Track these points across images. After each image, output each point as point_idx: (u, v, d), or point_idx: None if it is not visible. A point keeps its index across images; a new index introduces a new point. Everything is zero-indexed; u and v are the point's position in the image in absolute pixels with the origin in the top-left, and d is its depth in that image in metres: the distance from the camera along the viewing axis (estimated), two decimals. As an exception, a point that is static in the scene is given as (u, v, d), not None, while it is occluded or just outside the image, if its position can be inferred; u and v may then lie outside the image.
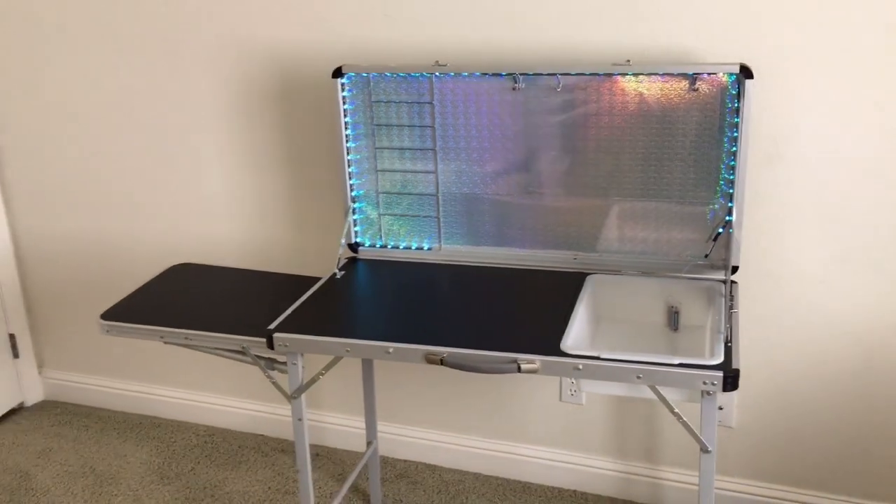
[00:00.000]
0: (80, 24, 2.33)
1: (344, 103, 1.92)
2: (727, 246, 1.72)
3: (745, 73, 1.62)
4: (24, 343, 2.73)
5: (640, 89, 1.74)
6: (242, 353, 1.76)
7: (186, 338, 1.75)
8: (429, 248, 1.99)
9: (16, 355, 2.71)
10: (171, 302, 1.90)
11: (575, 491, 2.23)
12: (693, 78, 1.70)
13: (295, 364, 1.68)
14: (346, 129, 1.93)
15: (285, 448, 2.49)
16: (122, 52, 2.31)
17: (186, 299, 1.92)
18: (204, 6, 2.18)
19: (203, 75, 2.24)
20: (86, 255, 2.59)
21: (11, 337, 2.69)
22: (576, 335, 1.58)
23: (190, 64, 2.25)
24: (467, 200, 1.94)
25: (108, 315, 1.83)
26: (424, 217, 1.98)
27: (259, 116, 2.23)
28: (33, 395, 2.79)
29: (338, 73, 1.89)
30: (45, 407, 2.78)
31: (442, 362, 1.51)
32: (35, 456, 2.50)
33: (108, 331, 1.81)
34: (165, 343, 1.80)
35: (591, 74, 1.75)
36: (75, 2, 2.31)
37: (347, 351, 1.59)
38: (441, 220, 1.97)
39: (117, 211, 2.49)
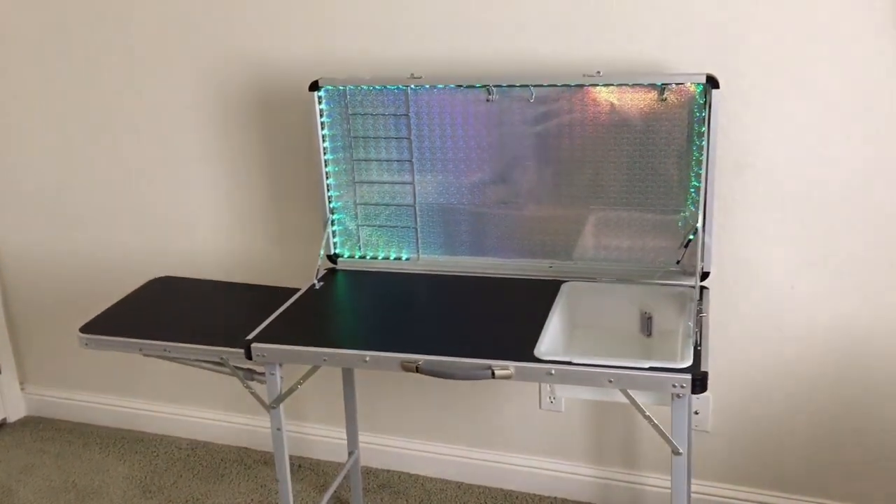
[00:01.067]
0: (58, 36, 2.35)
1: (321, 116, 1.94)
2: (698, 252, 1.75)
3: (712, 83, 1.65)
4: (6, 359, 2.73)
5: (611, 100, 1.77)
6: (221, 364, 1.77)
7: (165, 349, 1.77)
8: (407, 259, 2.02)
9: (-2, 371, 2.71)
10: (150, 314, 1.92)
11: (555, 498, 2.25)
12: (662, 88, 1.73)
13: (273, 374, 1.70)
14: (323, 141, 1.96)
15: (268, 460, 2.50)
16: (100, 64, 2.33)
17: (165, 312, 1.93)
18: (182, 19, 2.20)
19: (182, 88, 2.27)
20: (66, 270, 2.60)
21: (-7, 353, 2.69)
22: (550, 342, 1.61)
23: (169, 76, 2.27)
24: (445, 211, 1.97)
25: (87, 328, 1.84)
26: (402, 227, 2.00)
27: (238, 129, 2.25)
28: (15, 412, 2.79)
29: (314, 86, 1.91)
30: (28, 423, 2.78)
31: (417, 370, 1.53)
32: (17, 472, 2.49)
33: (87, 344, 1.82)
34: (145, 355, 1.81)
35: (563, 86, 1.79)
36: (53, 13, 2.33)
37: (325, 360, 1.61)
38: (419, 230, 2.00)
39: (97, 224, 2.50)
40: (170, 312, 1.92)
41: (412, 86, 1.88)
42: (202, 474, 2.44)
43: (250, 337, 1.67)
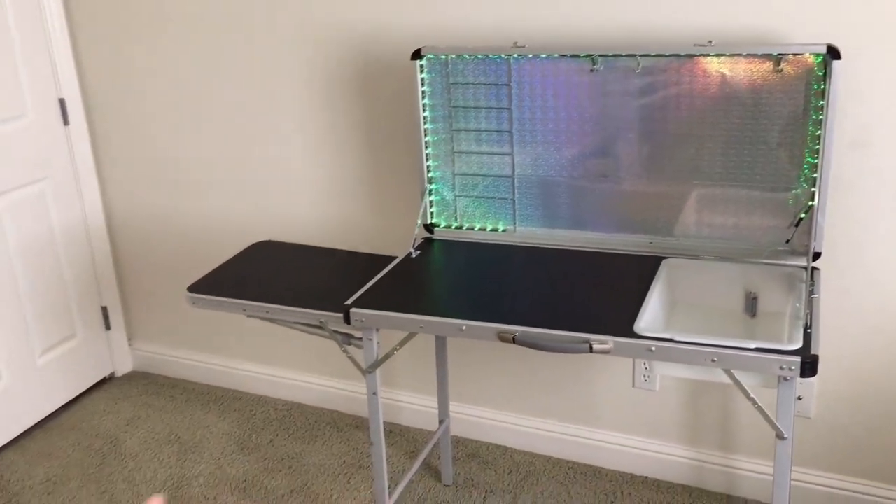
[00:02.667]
0: (168, 7, 2.42)
1: (422, 85, 1.94)
2: (809, 232, 1.68)
3: (833, 53, 1.57)
4: (116, 316, 2.86)
5: (722, 71, 1.71)
6: (320, 327, 1.81)
7: (267, 312, 1.81)
8: (503, 230, 2.01)
9: (108, 327, 2.84)
10: (253, 277, 1.97)
11: (646, 477, 2.22)
12: (778, 59, 1.66)
13: (370, 339, 1.72)
14: (423, 111, 1.96)
15: (359, 424, 2.55)
16: (208, 34, 2.39)
17: (268, 275, 1.98)
18: (289, -9, 2.23)
19: (285, 57, 2.30)
20: (172, 233, 2.69)
21: (104, 309, 2.82)
22: (650, 318, 1.58)
23: (272, 46, 2.31)
24: (543, 183, 1.94)
25: (195, 288, 1.90)
26: (500, 199, 1.99)
27: (339, 98, 2.27)
28: (123, 366, 2.92)
29: (416, 55, 1.91)
30: (134, 377, 2.91)
31: (514, 340, 1.53)
32: (124, 423, 2.62)
33: (194, 303, 1.88)
34: (248, 316, 1.86)
35: (671, 55, 1.73)
36: (167, -12, 2.40)
37: (421, 327, 1.62)
38: (516, 201, 1.98)
39: (203, 189, 2.58)
40: (271, 276, 1.97)
41: (515, 55, 1.86)
42: (297, 434, 2.51)
43: (349, 302, 1.70)
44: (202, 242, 2.65)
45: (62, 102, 2.58)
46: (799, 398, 1.98)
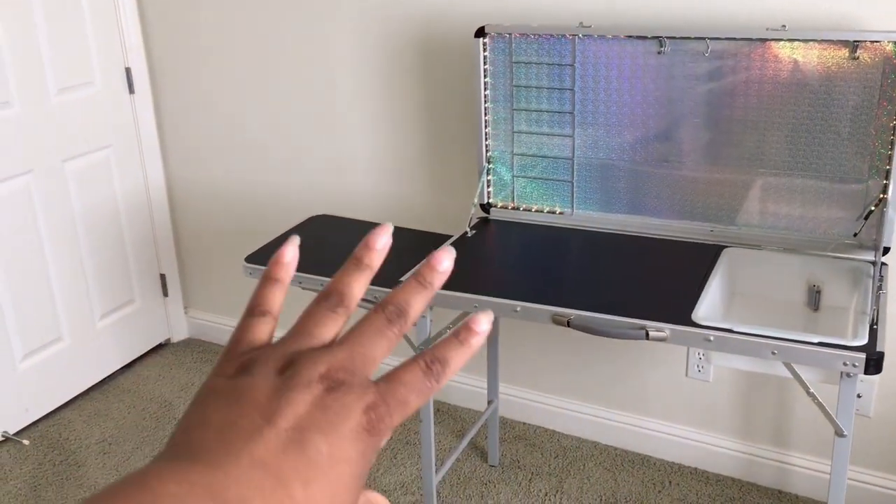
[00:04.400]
0: (237, -18, 2.44)
1: (485, 63, 1.93)
2: (879, 226, 1.63)
3: (914, 41, 1.51)
4: (173, 284, 2.91)
5: (794, 56, 1.66)
6: (373, 302, 1.82)
7: (322, 284, 1.82)
8: (561, 213, 1.99)
9: (165, 294, 2.90)
10: (309, 250, 1.98)
11: (696, 468, 2.19)
12: (854, 45, 1.60)
13: (424, 316, 1.73)
14: (485, 89, 1.95)
15: (408, 401, 2.56)
16: (272, 10, 2.40)
17: (324, 248, 1.99)
18: (353, -35, 2.23)
19: (345, 34, 2.30)
20: (231, 204, 2.73)
21: (162, 277, 2.88)
22: (708, 307, 1.55)
23: (333, 22, 2.31)
24: (603, 166, 1.92)
25: (252, 258, 1.93)
26: (559, 181, 1.97)
27: (400, 74, 2.27)
28: (179, 333, 2.98)
29: (480, 32, 1.90)
30: (189, 344, 2.97)
31: (569, 324, 1.52)
32: (178, 388, 2.68)
33: (251, 273, 1.91)
34: (303, 289, 1.88)
35: (742, 39, 1.69)
36: (234, -40, 2.42)
37: (475, 307, 1.62)
38: (575, 184, 1.96)
39: (262, 163, 2.61)
40: (327, 249, 1.99)
41: (580, 35, 1.83)
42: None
43: (404, 278, 1.70)
44: (260, 214, 2.69)
45: (128, 72, 2.63)
46: (859, 396, 1.93)
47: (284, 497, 0.34)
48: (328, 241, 2.04)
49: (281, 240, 2.04)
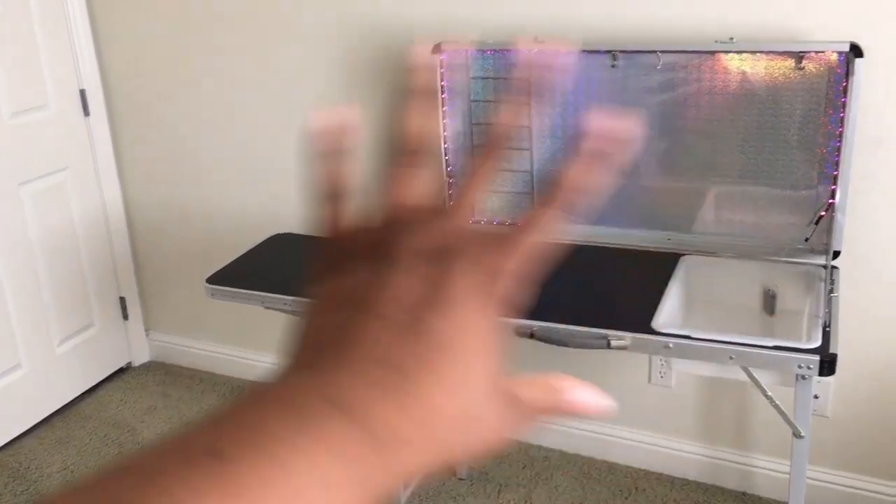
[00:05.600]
0: (187, 1, 2.43)
1: (442, 80, 1.95)
2: (829, 230, 1.68)
3: (855, 51, 1.57)
4: (133, 306, 2.88)
5: (743, 68, 1.71)
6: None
7: (285, 303, 1.82)
8: (521, 225, 2.01)
9: (125, 317, 2.86)
10: (271, 269, 1.98)
11: (661, 474, 2.22)
12: (799, 56, 1.65)
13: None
14: (443, 105, 1.96)
15: (375, 417, 2.56)
16: (228, 26, 2.40)
17: (286, 267, 1.99)
18: (309, -16, 2.24)
19: (303, 51, 2.31)
20: (192, 224, 2.71)
21: (122, 300, 2.84)
22: (667, 315, 1.58)
23: (292, 39, 2.32)
24: (561, 178, 1.94)
25: (213, 279, 1.92)
26: (518, 193, 2.00)
27: (358, 90, 2.28)
28: (140, 356, 2.95)
29: (436, 49, 1.91)
30: (151, 367, 2.93)
31: (532, 336, 1.53)
32: (141, 413, 2.64)
33: (212, 294, 1.90)
34: (266, 308, 1.87)
35: (692, 52, 1.73)
36: (188, -20, 2.41)
37: (439, 321, 1.63)
38: (535, 197, 1.98)
39: (221, 182, 2.59)
40: (290, 268, 1.98)
41: (535, 50, 1.85)
42: (312, 426, 2.52)
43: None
44: (220, 234, 2.67)
45: (83, 93, 2.60)
46: (816, 397, 1.98)
47: (411, 388, 0.31)
48: (290, 260, 2.04)
49: (242, 260, 2.03)
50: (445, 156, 2.00)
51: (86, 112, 2.62)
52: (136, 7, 2.52)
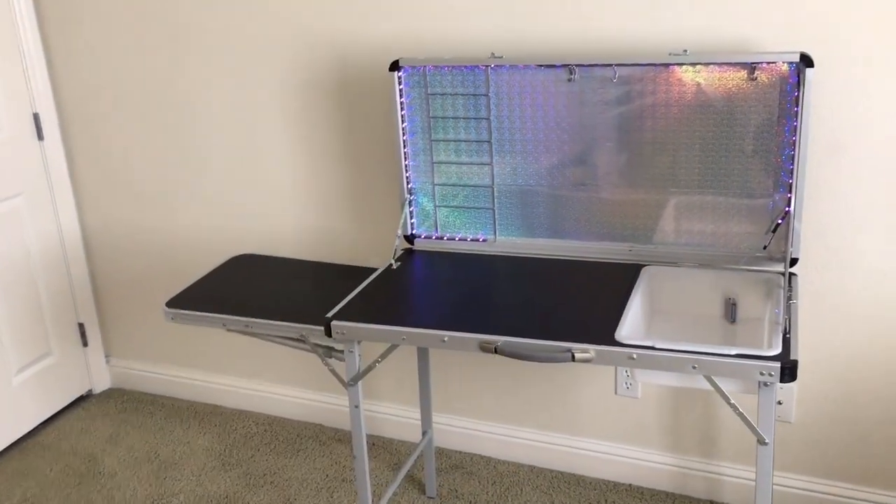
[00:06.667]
0: (142, 21, 2.40)
1: (401, 96, 1.95)
2: (786, 238, 1.70)
3: (806, 61, 1.59)
4: (93, 332, 2.83)
5: (697, 79, 1.73)
6: (301, 340, 1.80)
7: (247, 325, 1.80)
8: (484, 240, 2.01)
9: (85, 344, 2.81)
10: (232, 291, 1.96)
11: (630, 485, 2.22)
12: (752, 67, 1.68)
13: (352, 352, 1.72)
14: (402, 122, 1.96)
15: (342, 438, 2.53)
16: (183, 47, 2.38)
17: (247, 289, 1.97)
18: (263, 1, 2.23)
19: (262, 69, 2.30)
20: (151, 247, 2.67)
21: (81, 326, 2.79)
22: (630, 326, 1.58)
23: (248, 58, 2.30)
24: (522, 192, 1.95)
25: (173, 303, 1.89)
26: (480, 209, 2.00)
27: (318, 109, 2.27)
28: (101, 383, 2.89)
29: (395, 66, 1.91)
30: (112, 394, 2.87)
31: (496, 350, 1.53)
32: (103, 441, 2.59)
33: (172, 318, 1.87)
34: (228, 330, 1.85)
35: (647, 65, 1.75)
36: (136, 1, 2.39)
37: (403, 339, 1.62)
38: (496, 211, 1.98)
39: (180, 204, 2.56)
40: (251, 289, 1.96)
41: (492, 65, 1.86)
42: (278, 449, 2.49)
43: (330, 315, 1.69)
44: (180, 257, 2.63)
45: (36, 118, 2.56)
46: (779, 403, 2.00)
47: None
48: (251, 282, 2.01)
49: (202, 282, 2.00)
50: (406, 172, 1.99)
51: (40, 136, 2.58)
52: (89, 29, 2.49)
